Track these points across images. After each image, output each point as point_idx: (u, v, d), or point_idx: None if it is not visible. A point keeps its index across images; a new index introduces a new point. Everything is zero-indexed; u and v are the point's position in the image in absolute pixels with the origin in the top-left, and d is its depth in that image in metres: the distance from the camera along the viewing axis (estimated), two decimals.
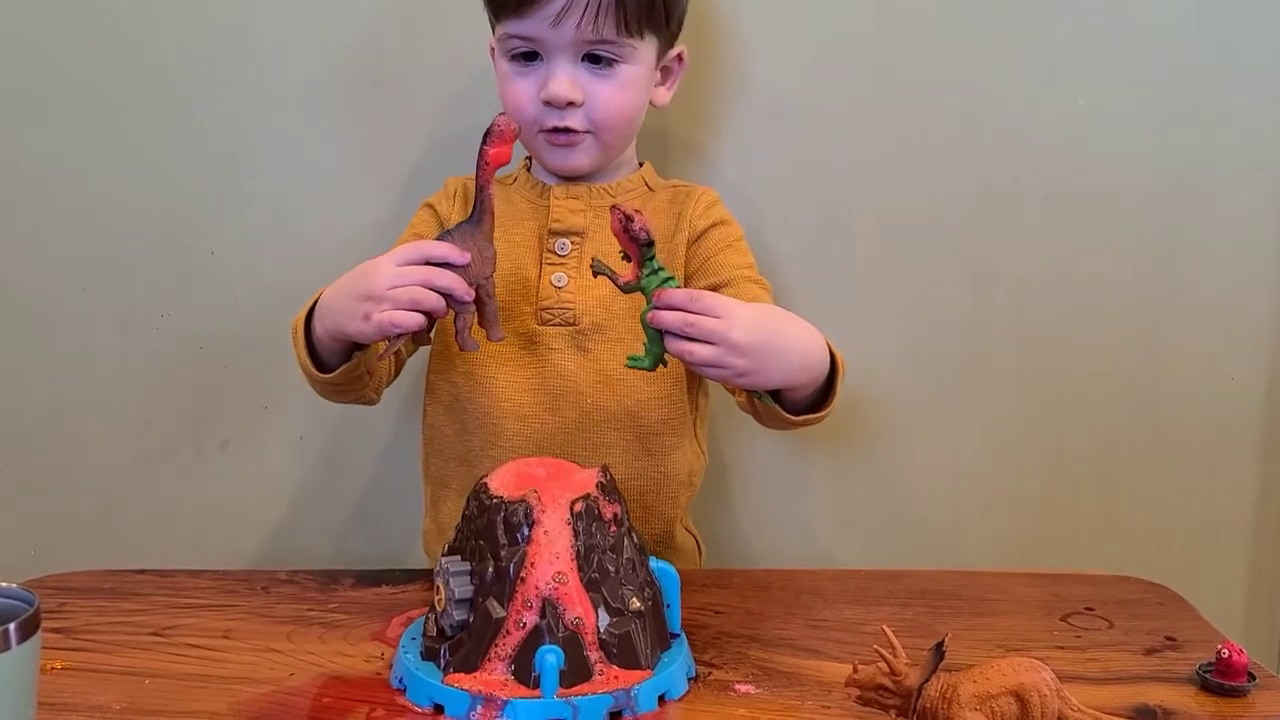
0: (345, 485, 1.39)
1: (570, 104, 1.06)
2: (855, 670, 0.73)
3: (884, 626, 0.73)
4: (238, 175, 1.30)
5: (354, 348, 1.00)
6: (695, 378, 1.15)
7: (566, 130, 1.07)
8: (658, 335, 0.90)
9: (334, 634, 0.92)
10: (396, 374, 1.13)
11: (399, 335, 0.94)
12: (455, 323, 0.98)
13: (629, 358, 0.93)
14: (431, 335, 1.04)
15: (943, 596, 1.02)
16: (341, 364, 1.00)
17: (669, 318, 0.88)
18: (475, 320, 0.98)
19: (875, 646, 0.71)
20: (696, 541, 1.20)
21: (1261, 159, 1.32)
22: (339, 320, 0.96)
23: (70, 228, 1.31)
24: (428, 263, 0.94)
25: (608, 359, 1.09)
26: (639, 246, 0.90)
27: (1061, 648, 0.92)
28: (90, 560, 1.07)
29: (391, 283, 0.93)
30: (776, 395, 0.99)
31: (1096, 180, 1.31)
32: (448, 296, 0.94)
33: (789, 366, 0.94)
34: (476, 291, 0.96)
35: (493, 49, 1.12)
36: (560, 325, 1.09)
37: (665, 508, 1.13)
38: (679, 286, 0.91)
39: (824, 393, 1.01)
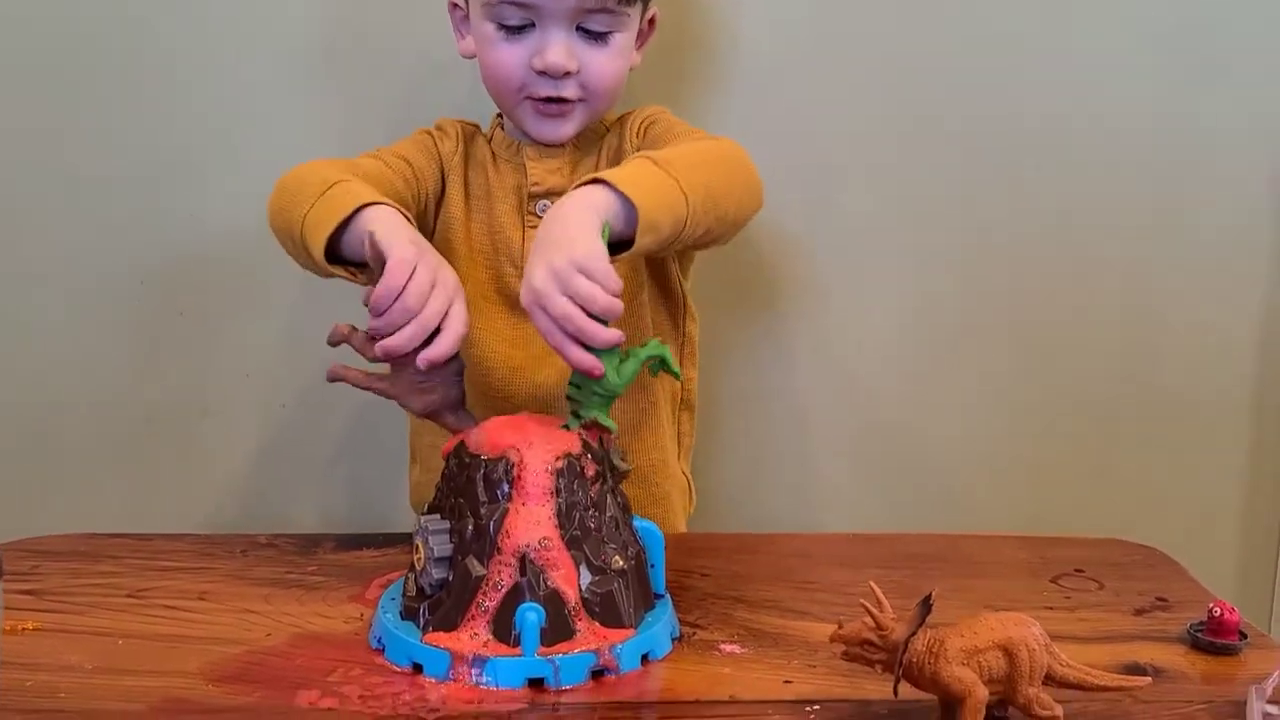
0: (328, 452, 1.37)
1: (566, 74, 1.04)
2: (840, 626, 0.71)
3: (870, 582, 0.71)
4: (220, 141, 1.28)
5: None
6: (683, 310, 1.13)
7: (559, 100, 1.05)
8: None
9: (313, 596, 0.91)
10: None
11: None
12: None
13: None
14: None
15: (930, 559, 1.00)
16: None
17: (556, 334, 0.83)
18: None
19: (861, 601, 0.70)
20: (689, 484, 1.19)
21: (1259, 123, 1.31)
22: (398, 221, 0.88)
23: (48, 194, 1.29)
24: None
25: None
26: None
27: (1051, 608, 0.91)
28: (70, 529, 1.05)
29: (442, 269, 0.87)
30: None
31: (1091, 147, 1.30)
32: None
33: (575, 226, 0.84)
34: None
35: (457, 6, 1.09)
36: None
37: (659, 436, 1.12)
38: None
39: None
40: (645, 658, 0.80)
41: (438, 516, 0.82)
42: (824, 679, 0.78)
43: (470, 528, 0.80)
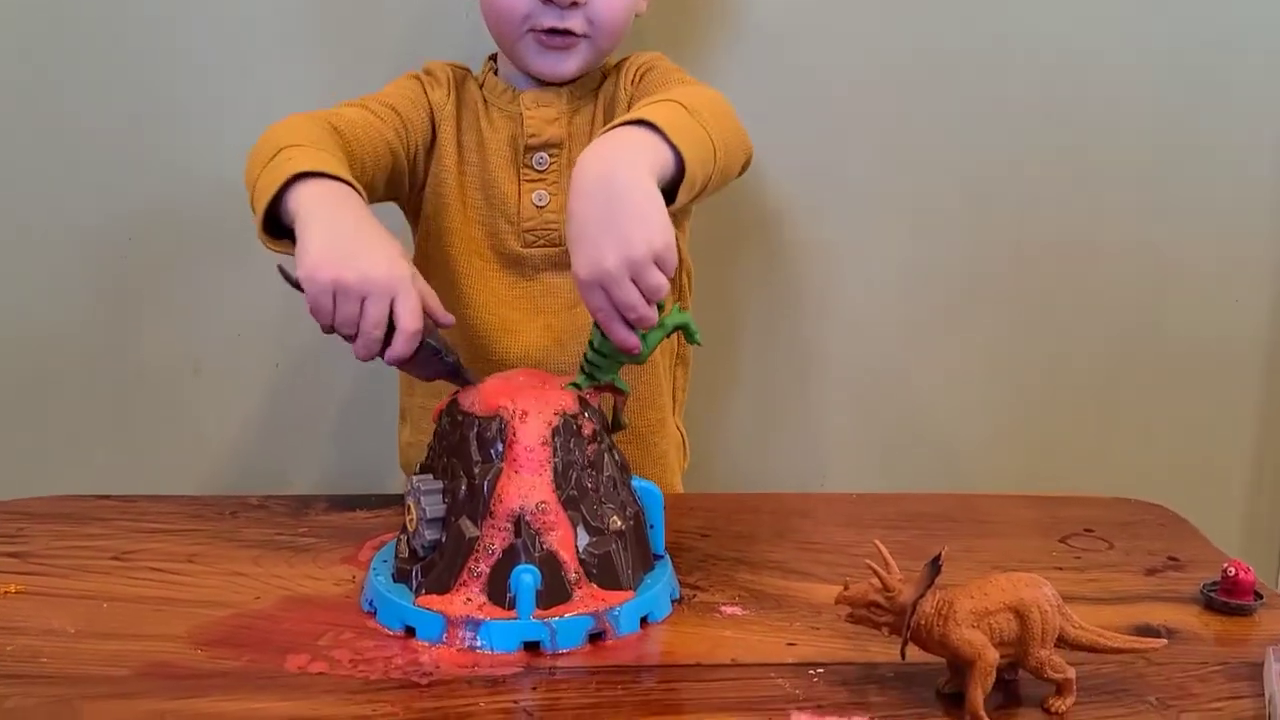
0: (322, 413, 1.35)
1: (574, 3, 1.00)
2: (846, 587, 0.69)
3: (876, 541, 0.69)
4: (210, 93, 1.25)
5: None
6: (683, 269, 1.11)
7: (565, 32, 1.01)
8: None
9: (303, 558, 0.88)
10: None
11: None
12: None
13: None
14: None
15: (937, 519, 0.98)
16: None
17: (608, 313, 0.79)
18: None
19: (867, 562, 0.68)
20: (684, 439, 1.16)
21: (1267, 80, 1.28)
22: (311, 233, 0.80)
23: (34, 146, 1.25)
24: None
25: None
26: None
27: (1060, 569, 0.89)
28: (56, 491, 1.02)
29: (371, 281, 0.78)
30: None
31: (1099, 101, 1.27)
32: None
33: (644, 201, 0.78)
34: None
35: None
36: (545, 246, 1.05)
37: (656, 394, 1.09)
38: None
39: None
40: (644, 620, 0.78)
41: (430, 477, 0.80)
42: (828, 641, 0.76)
43: (463, 488, 0.77)
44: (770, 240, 1.30)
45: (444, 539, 0.77)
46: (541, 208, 1.04)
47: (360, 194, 0.85)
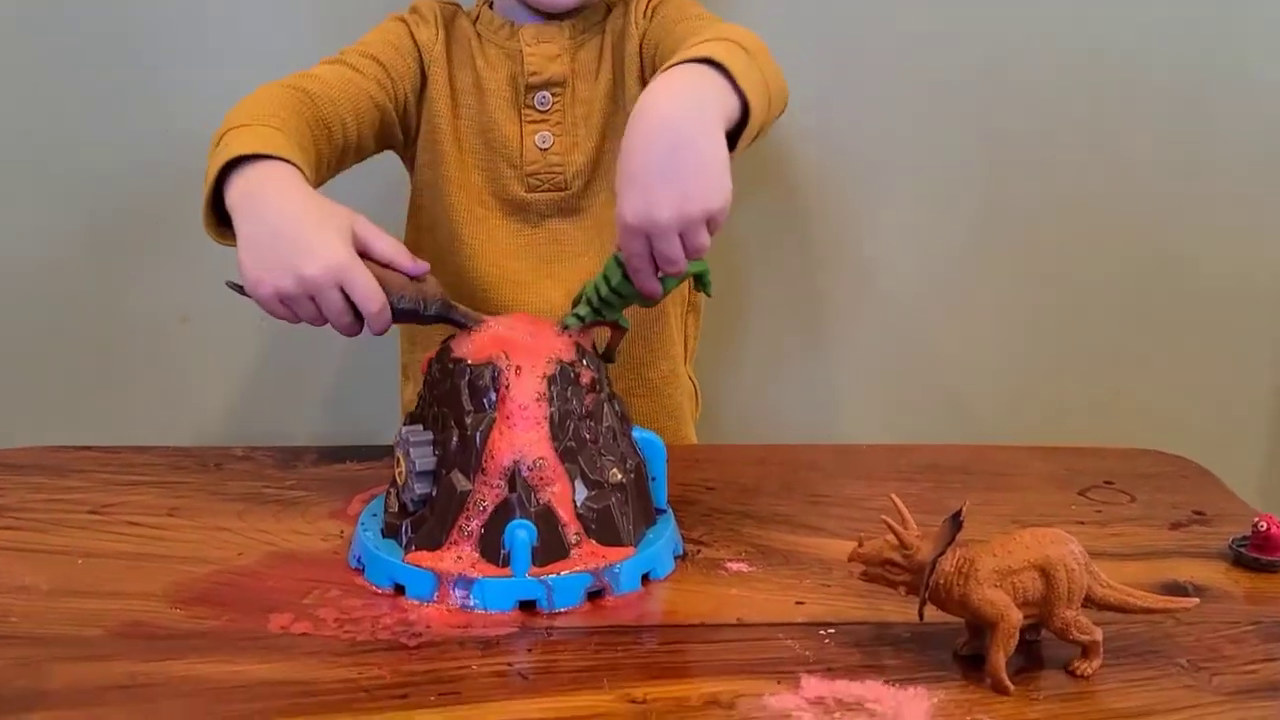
0: (316, 364, 1.31)
1: None
2: (860, 544, 0.65)
3: (892, 495, 0.65)
4: (194, 33, 1.19)
5: None
6: None
7: None
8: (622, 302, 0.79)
9: (290, 512, 0.85)
10: (339, 168, 0.98)
11: None
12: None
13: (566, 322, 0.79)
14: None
15: (952, 471, 0.94)
16: None
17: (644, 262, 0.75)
18: None
19: (883, 518, 0.64)
20: (695, 389, 1.13)
21: None
22: (243, 235, 0.77)
23: (15, 97, 1.20)
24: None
25: (603, 211, 1.01)
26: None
27: (1081, 523, 0.85)
28: (38, 442, 0.98)
29: (309, 289, 0.75)
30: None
31: (1118, 51, 1.22)
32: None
33: (711, 157, 0.73)
34: None
35: None
36: (550, 191, 1.00)
37: (669, 344, 1.05)
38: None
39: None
40: (645, 578, 0.74)
41: (420, 427, 0.75)
42: (839, 600, 0.73)
43: (455, 439, 0.73)
44: (783, 190, 1.26)
45: (434, 493, 0.73)
46: (545, 150, 0.99)
47: (299, 168, 0.80)
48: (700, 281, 0.79)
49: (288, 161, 0.80)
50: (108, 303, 1.27)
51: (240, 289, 0.78)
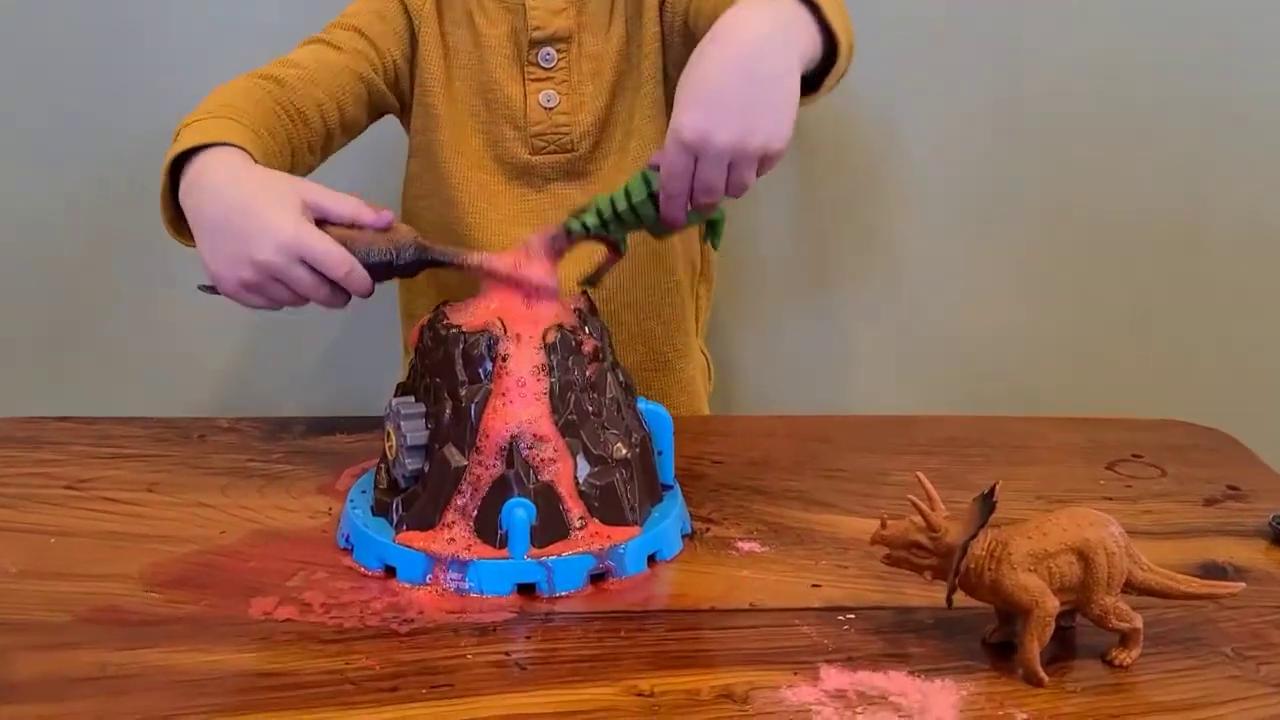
0: (313, 328, 1.26)
1: None
2: (884, 525, 0.61)
3: (919, 474, 0.60)
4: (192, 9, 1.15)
5: None
6: None
7: None
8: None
9: (275, 487, 0.80)
10: (321, 157, 0.94)
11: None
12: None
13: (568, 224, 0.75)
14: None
15: (970, 444, 0.90)
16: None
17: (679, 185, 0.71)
18: None
19: (909, 497, 0.59)
20: (708, 361, 1.08)
21: None
22: (200, 231, 0.75)
23: (17, 57, 1.16)
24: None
25: (611, 176, 0.96)
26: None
27: (1110, 499, 0.81)
28: (27, 411, 0.94)
29: (270, 271, 0.72)
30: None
31: (1135, 6, 1.16)
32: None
33: (785, 96, 0.71)
34: None
35: None
36: (555, 153, 0.95)
37: (682, 317, 1.01)
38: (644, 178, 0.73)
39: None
40: (652, 559, 0.70)
41: (411, 399, 0.71)
42: (857, 582, 0.68)
43: (448, 412, 0.68)
44: (793, 150, 1.20)
45: (427, 469, 0.69)
46: (550, 109, 0.94)
47: (245, 150, 0.77)
48: (713, 231, 0.76)
49: (233, 145, 0.77)
50: (90, 266, 1.23)
51: (212, 289, 0.76)
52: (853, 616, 0.64)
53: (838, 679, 0.58)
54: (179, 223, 0.79)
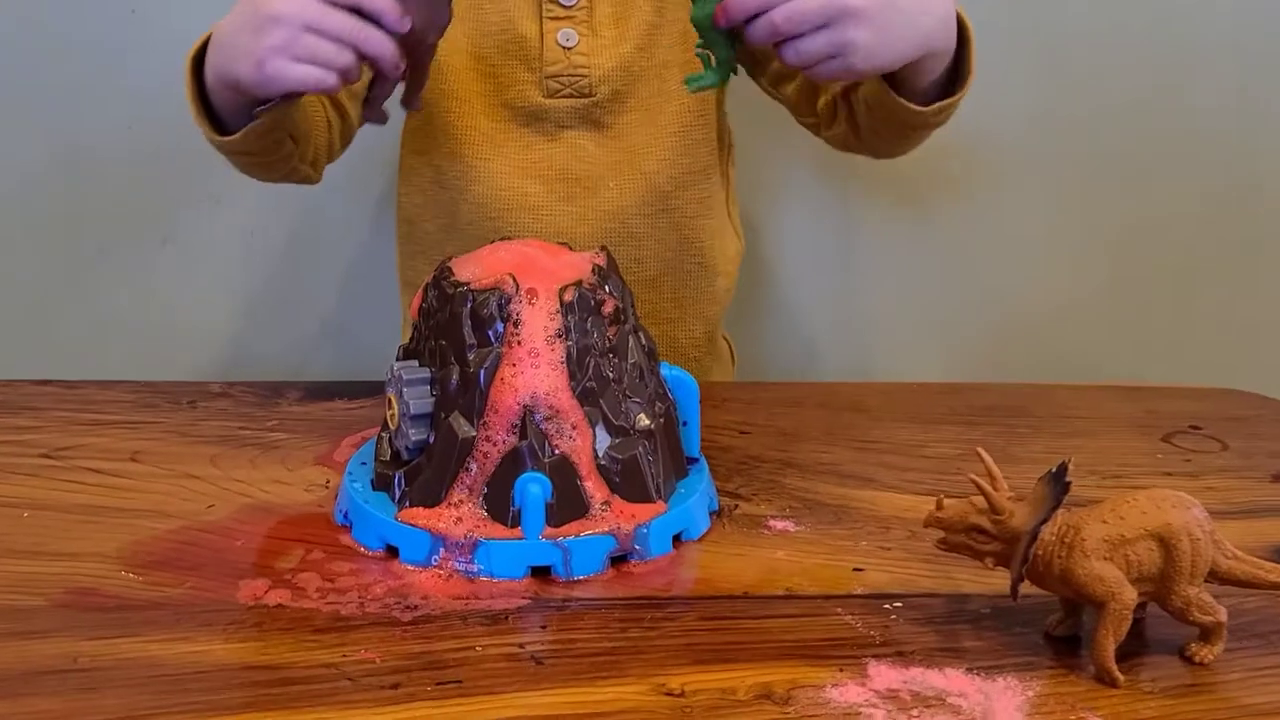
0: (311, 291, 1.21)
1: None
2: (939, 506, 0.55)
3: (979, 450, 0.54)
4: None
5: (256, 102, 0.77)
6: (726, 142, 0.95)
7: None
8: (725, 38, 0.69)
9: (269, 457, 0.74)
10: (344, 144, 0.92)
11: (292, 95, 0.73)
12: (370, 89, 0.76)
13: (687, 80, 0.72)
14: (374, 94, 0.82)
15: (1015, 414, 0.83)
16: (245, 124, 0.77)
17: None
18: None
19: (971, 476, 0.53)
20: (730, 348, 1.02)
21: None
22: (227, 60, 0.73)
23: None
24: (358, 10, 0.70)
25: (632, 134, 0.90)
26: None
27: (1169, 474, 0.75)
28: (10, 374, 0.88)
29: (300, 20, 0.69)
30: (893, 82, 0.77)
31: None
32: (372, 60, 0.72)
33: (921, 23, 0.71)
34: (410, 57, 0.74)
35: None
36: (572, 97, 0.89)
37: (705, 305, 0.95)
38: None
39: (951, 71, 0.78)
40: (677, 539, 0.64)
41: (415, 363, 0.65)
42: (903, 566, 0.62)
43: (455, 378, 0.62)
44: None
45: (432, 440, 0.63)
46: (569, 49, 0.88)
47: None
48: (720, 63, 0.71)
49: None
50: (80, 223, 1.17)
51: (270, 104, 0.74)
52: (900, 605, 0.58)
53: (888, 677, 0.52)
54: (219, 122, 0.78)
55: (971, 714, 0.50)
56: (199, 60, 0.76)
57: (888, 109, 0.78)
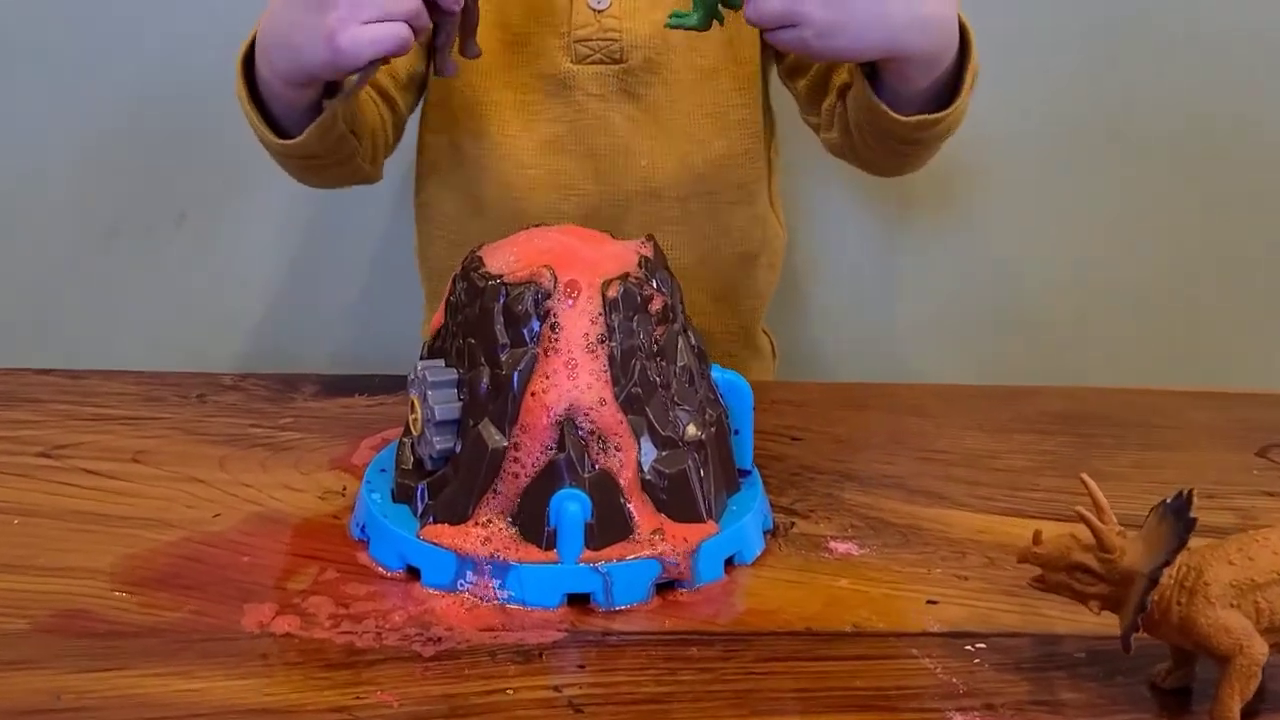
0: (330, 276, 1.15)
1: None
2: (1037, 540, 0.48)
3: (1084, 476, 0.48)
4: None
5: (322, 94, 0.73)
6: (770, 128, 0.89)
7: None
8: None
9: (282, 460, 0.68)
10: (397, 136, 0.87)
11: (374, 63, 0.68)
12: (434, 39, 0.72)
13: (671, 15, 0.70)
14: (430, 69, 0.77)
15: (1093, 422, 0.77)
16: (309, 123, 0.74)
17: None
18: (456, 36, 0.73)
19: (1078, 509, 0.46)
20: (771, 343, 0.96)
21: None
22: (291, 51, 0.69)
23: None
24: None
25: (668, 107, 0.83)
26: None
27: (1271, 494, 0.68)
28: (16, 361, 0.83)
29: None
30: (877, 85, 0.73)
31: None
32: (431, 4, 0.68)
33: (892, 17, 0.67)
34: None
35: None
36: (602, 63, 0.82)
37: (744, 298, 0.88)
38: None
39: (950, 85, 0.74)
40: (730, 562, 0.58)
41: (441, 364, 0.59)
42: (982, 598, 0.56)
43: (485, 381, 0.56)
44: None
45: (459, 449, 0.57)
46: (600, 11, 0.82)
47: None
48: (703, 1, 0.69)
49: None
50: (90, 204, 1.11)
51: (347, 86, 0.72)
52: (983, 646, 0.52)
53: None
54: (271, 119, 0.75)
55: None
56: (247, 64, 0.73)
57: (868, 112, 0.75)
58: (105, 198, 1.12)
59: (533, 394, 0.55)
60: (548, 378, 0.55)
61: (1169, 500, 0.46)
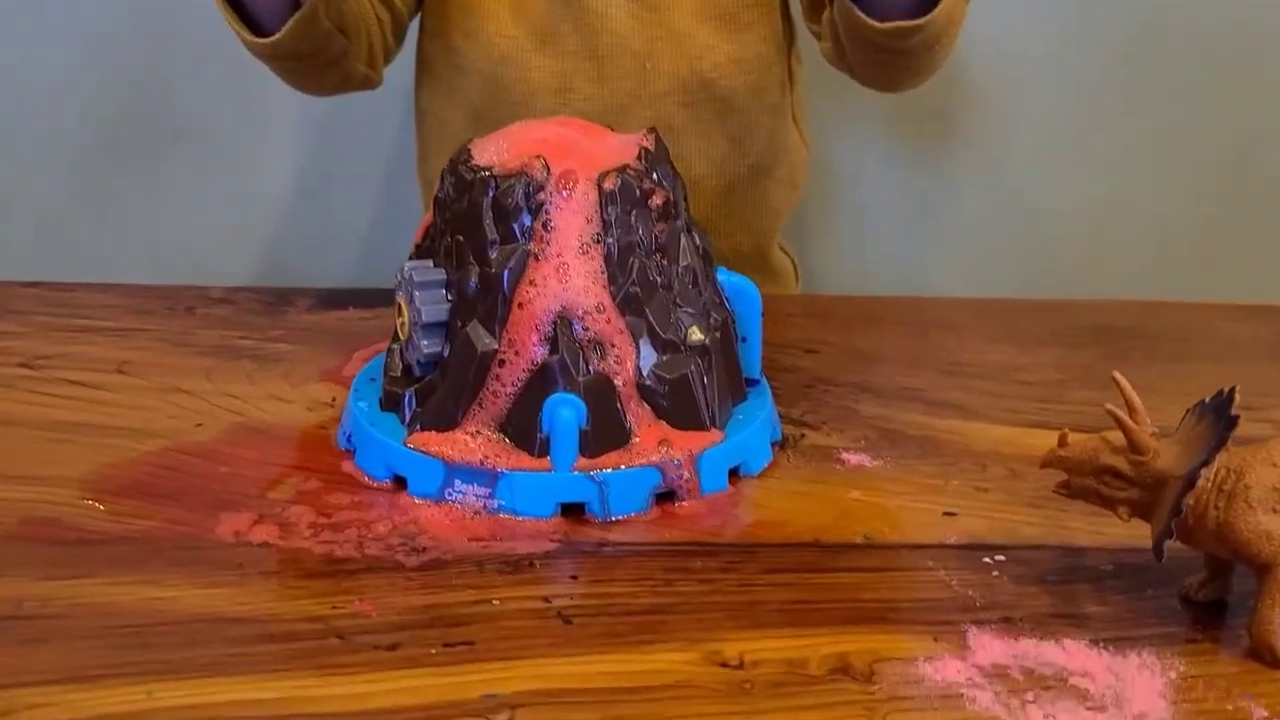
0: (331, 190, 1.12)
1: None
2: (1063, 442, 0.44)
3: (1115, 374, 0.44)
4: None
5: None
6: (790, 37, 0.85)
7: None
8: None
9: (270, 371, 0.66)
10: (398, 41, 0.84)
11: None
12: None
13: None
14: None
15: (1125, 335, 0.73)
16: (289, 15, 0.70)
17: None
18: None
19: (1107, 407, 0.43)
20: (793, 264, 0.92)
21: None
22: None
23: None
24: None
25: (673, 6, 0.78)
26: None
27: None
28: (10, 275, 0.80)
29: None
30: None
31: None
32: None
33: None
34: None
35: None
36: None
37: (757, 216, 0.84)
38: None
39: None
40: (734, 473, 0.55)
41: (429, 264, 0.55)
42: (1002, 509, 0.53)
43: (474, 280, 0.53)
44: None
45: (447, 353, 0.54)
46: None
47: None
48: None
49: None
50: (83, 113, 1.08)
51: None
52: (1002, 558, 0.49)
53: (994, 649, 0.42)
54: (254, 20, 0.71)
55: (1101, 699, 0.40)
56: None
57: (846, 18, 0.70)
58: (99, 112, 1.09)
59: (524, 293, 0.52)
60: (539, 276, 0.52)
61: (1208, 399, 0.42)
